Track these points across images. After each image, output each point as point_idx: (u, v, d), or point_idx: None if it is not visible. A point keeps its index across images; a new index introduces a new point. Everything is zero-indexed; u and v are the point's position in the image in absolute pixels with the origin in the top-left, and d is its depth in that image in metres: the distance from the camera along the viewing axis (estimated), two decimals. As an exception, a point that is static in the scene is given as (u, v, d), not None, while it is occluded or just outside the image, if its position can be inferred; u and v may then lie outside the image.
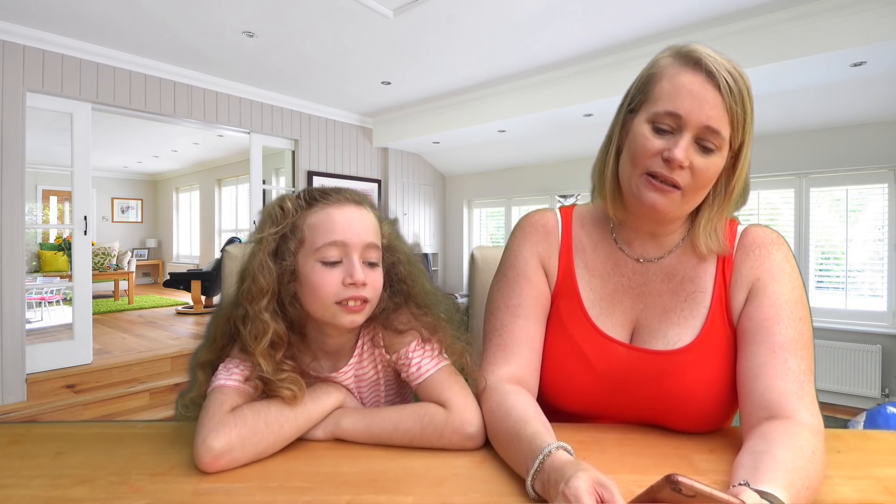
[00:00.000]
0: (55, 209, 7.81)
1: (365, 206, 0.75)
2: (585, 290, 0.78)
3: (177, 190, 9.27)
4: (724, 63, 0.65)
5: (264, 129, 4.45)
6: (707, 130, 0.64)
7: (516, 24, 3.07)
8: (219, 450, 0.61)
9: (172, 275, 6.18)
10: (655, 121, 0.67)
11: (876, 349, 3.50)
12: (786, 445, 0.55)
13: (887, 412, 2.28)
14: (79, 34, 3.21)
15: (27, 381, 3.13)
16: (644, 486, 0.48)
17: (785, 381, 0.63)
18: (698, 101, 0.64)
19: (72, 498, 0.56)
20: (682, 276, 0.75)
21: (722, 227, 0.73)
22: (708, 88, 0.64)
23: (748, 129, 0.67)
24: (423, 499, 0.56)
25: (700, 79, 0.64)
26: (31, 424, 0.80)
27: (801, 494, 0.51)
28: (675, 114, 0.65)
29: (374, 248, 0.73)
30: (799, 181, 3.89)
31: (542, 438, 0.58)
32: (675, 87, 0.66)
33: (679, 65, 0.67)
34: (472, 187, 6.10)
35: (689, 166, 0.66)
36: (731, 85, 0.64)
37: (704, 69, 0.64)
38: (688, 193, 0.68)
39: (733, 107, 0.64)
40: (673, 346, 0.72)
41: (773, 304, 0.68)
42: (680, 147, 0.64)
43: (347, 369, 0.79)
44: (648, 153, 0.67)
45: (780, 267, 0.70)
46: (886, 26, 2.57)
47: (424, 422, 0.70)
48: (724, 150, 0.67)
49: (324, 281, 0.69)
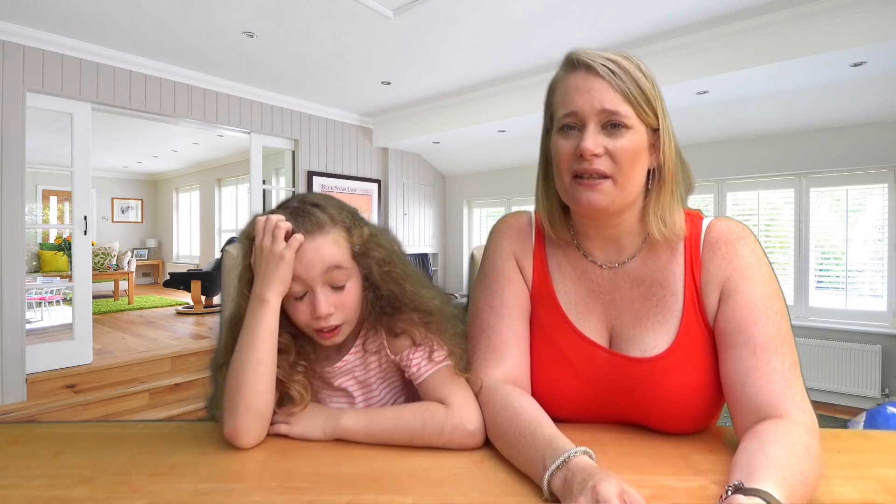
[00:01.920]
0: (55, 209, 7.81)
1: (321, 233, 0.74)
2: (561, 294, 0.78)
3: (177, 190, 9.27)
4: (604, 54, 0.68)
5: (264, 129, 4.45)
6: (605, 113, 0.67)
7: (516, 24, 3.08)
8: (249, 437, 0.69)
9: (172, 275, 6.18)
10: (561, 127, 0.70)
11: (876, 349, 3.50)
12: (779, 443, 0.55)
13: (887, 412, 2.28)
14: (79, 34, 3.21)
15: (27, 381, 3.13)
16: (643, 486, 0.48)
17: (771, 383, 0.63)
18: (587, 93, 0.67)
19: (72, 498, 0.56)
20: (650, 280, 0.74)
21: (674, 213, 0.72)
22: (591, 79, 0.67)
23: (655, 104, 0.69)
24: (422, 499, 0.56)
25: (582, 74, 0.68)
26: (31, 424, 0.80)
27: (795, 490, 0.51)
28: (571, 112, 0.68)
29: (337, 270, 0.74)
30: (799, 181, 3.89)
31: (563, 440, 0.59)
32: (565, 90, 0.70)
33: (564, 72, 0.71)
34: (472, 187, 6.10)
35: (606, 152, 0.67)
36: (612, 69, 0.67)
37: (583, 65, 0.68)
38: (618, 179, 0.68)
39: (621, 85, 0.66)
40: (650, 353, 0.71)
41: (748, 303, 0.67)
42: (586, 138, 0.67)
43: (341, 365, 0.80)
44: (565, 156, 0.69)
45: (748, 263, 0.69)
46: (886, 26, 2.57)
47: (425, 419, 0.70)
48: (638, 127, 0.68)
49: (295, 312, 0.74)
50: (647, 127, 0.69)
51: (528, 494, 0.57)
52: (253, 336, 0.71)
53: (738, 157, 4.09)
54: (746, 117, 3.80)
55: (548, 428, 0.62)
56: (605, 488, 0.48)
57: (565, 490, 0.52)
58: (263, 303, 0.71)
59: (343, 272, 0.74)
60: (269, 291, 0.71)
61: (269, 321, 0.71)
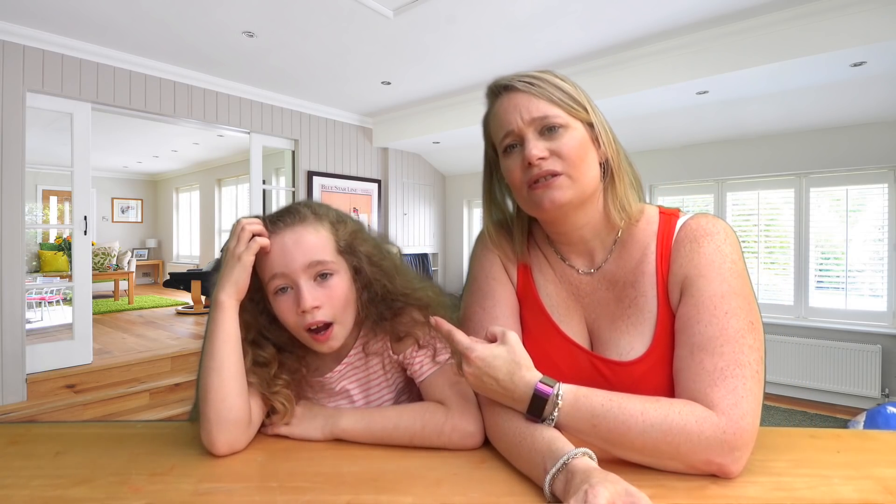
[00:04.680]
0: (55, 209, 7.81)
1: (303, 225, 0.74)
2: (545, 296, 0.79)
3: (177, 190, 9.26)
4: (518, 75, 0.73)
5: (264, 129, 4.45)
6: (537, 121, 0.70)
7: (516, 24, 3.07)
8: (220, 443, 0.67)
9: (172, 275, 6.18)
10: (504, 149, 0.74)
11: (876, 349, 3.50)
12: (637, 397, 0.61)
13: (887, 412, 2.28)
14: (79, 34, 3.21)
15: (27, 381, 3.13)
16: (643, 486, 0.48)
17: (696, 382, 0.61)
18: (514, 110, 0.71)
19: (72, 498, 0.56)
20: (623, 281, 0.74)
21: (630, 199, 0.73)
22: (513, 97, 0.72)
23: (581, 101, 0.72)
24: (422, 499, 0.56)
25: (504, 96, 0.73)
26: (31, 424, 0.80)
27: (583, 400, 0.60)
28: (508, 132, 0.72)
29: (321, 263, 0.73)
30: (799, 181, 3.89)
31: (562, 441, 0.59)
32: (495, 116, 0.74)
33: (489, 101, 0.77)
34: (472, 187, 6.09)
35: (551, 153, 0.69)
36: (528, 81, 0.71)
37: (503, 88, 0.73)
38: (571, 172, 0.70)
39: (543, 93, 0.70)
40: (626, 358, 0.70)
41: (696, 302, 0.65)
42: (528, 147, 0.70)
43: (341, 368, 0.80)
44: (516, 171, 0.72)
45: (708, 261, 0.67)
46: (886, 26, 2.57)
47: (425, 420, 0.70)
48: (573, 124, 0.71)
49: (282, 309, 0.73)
50: (582, 123, 0.72)
51: (528, 494, 0.57)
52: (211, 341, 0.69)
53: (738, 157, 4.09)
54: (746, 117, 3.80)
55: (547, 429, 0.61)
56: (597, 493, 0.48)
57: (566, 493, 0.52)
58: (217, 306, 0.70)
59: (327, 265, 0.74)
60: (222, 293, 0.70)
61: (225, 324, 0.70)
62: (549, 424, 0.62)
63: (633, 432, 0.58)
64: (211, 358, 0.69)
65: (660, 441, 0.58)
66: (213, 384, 0.68)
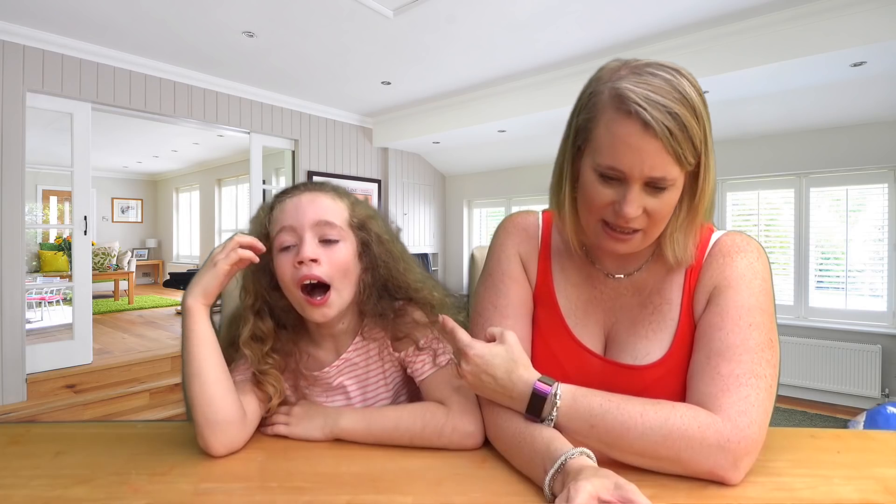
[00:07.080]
0: (55, 209, 7.81)
1: (321, 191, 0.77)
2: (562, 298, 0.77)
3: (177, 190, 9.26)
4: (660, 100, 0.59)
5: (264, 129, 4.45)
6: (652, 179, 0.62)
7: (516, 24, 3.07)
8: (216, 445, 0.67)
9: (172, 275, 6.20)
10: (600, 172, 0.64)
11: (876, 349, 3.50)
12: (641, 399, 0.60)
13: (887, 412, 2.28)
14: (79, 34, 3.21)
15: (27, 381, 3.13)
16: (643, 486, 0.48)
17: (708, 385, 0.61)
18: (638, 155, 0.60)
19: (72, 498, 0.56)
20: (650, 288, 0.73)
21: (692, 236, 0.69)
22: (646, 139, 0.59)
23: (706, 149, 0.63)
24: (422, 498, 0.56)
25: (636, 129, 0.59)
26: (31, 424, 0.80)
27: (581, 400, 0.61)
28: (617, 169, 0.62)
29: (329, 226, 0.74)
30: (799, 181, 3.89)
31: (561, 441, 0.59)
32: (612, 138, 0.61)
33: (613, 110, 0.61)
34: (472, 187, 6.10)
35: (644, 211, 0.64)
36: (670, 127, 0.58)
37: (640, 120, 0.59)
38: (648, 231, 0.66)
39: (675, 148, 0.59)
40: (641, 362, 0.70)
41: (721, 311, 0.65)
42: (628, 202, 0.62)
43: (340, 363, 0.80)
44: (599, 205, 0.65)
45: (739, 274, 0.67)
46: (886, 26, 2.57)
47: (425, 420, 0.70)
48: (679, 181, 0.63)
49: (282, 264, 0.73)
50: (688, 174, 0.64)
51: (528, 494, 0.57)
52: (187, 348, 0.69)
53: (738, 157, 4.09)
54: (746, 117, 3.80)
55: (546, 429, 0.61)
56: (579, 488, 0.48)
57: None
58: (185, 311, 0.70)
59: (335, 229, 0.75)
60: (189, 297, 0.70)
61: (196, 328, 0.69)
62: (548, 424, 0.62)
63: (632, 434, 0.58)
64: (189, 364, 0.69)
65: (659, 445, 0.57)
66: (196, 389, 0.68)
